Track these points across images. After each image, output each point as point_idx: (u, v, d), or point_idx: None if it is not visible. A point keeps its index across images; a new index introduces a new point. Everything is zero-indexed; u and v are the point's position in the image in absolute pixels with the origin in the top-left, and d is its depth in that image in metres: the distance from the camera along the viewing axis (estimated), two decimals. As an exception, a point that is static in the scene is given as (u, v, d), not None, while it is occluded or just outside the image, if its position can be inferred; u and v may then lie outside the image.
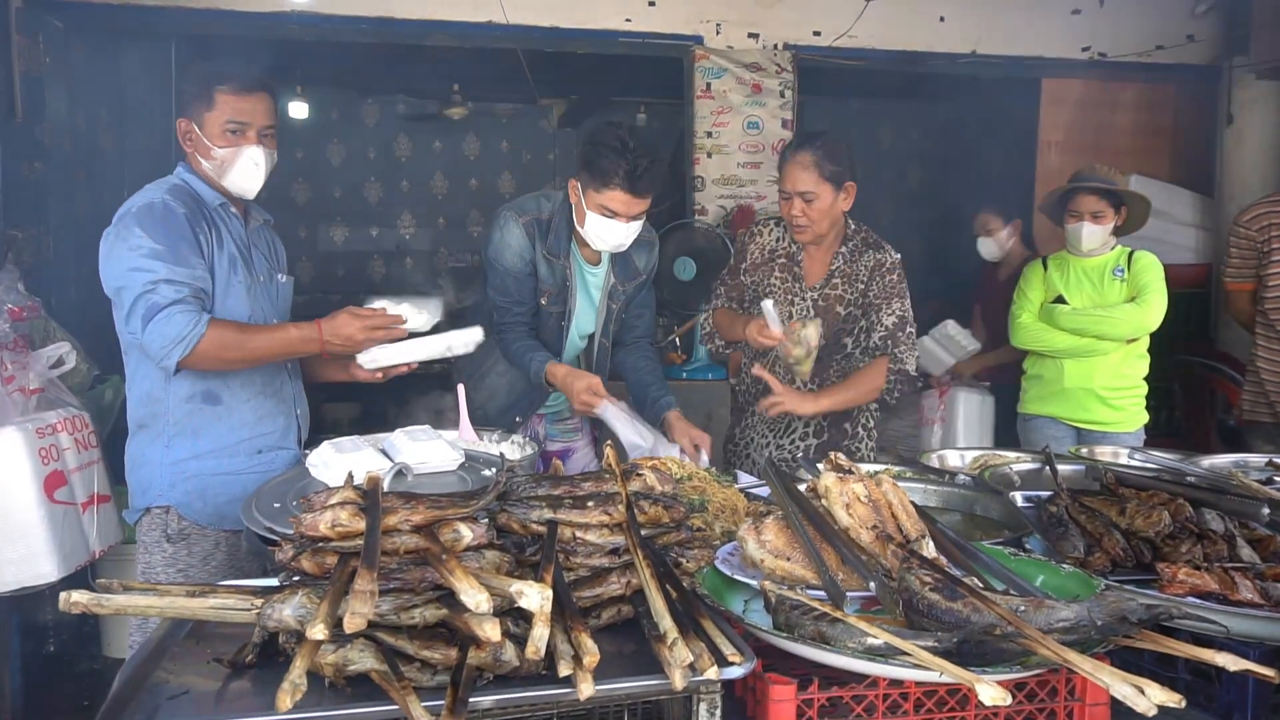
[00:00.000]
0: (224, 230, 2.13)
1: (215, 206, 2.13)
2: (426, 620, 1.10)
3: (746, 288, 2.72)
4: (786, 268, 2.67)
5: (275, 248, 2.34)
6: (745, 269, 2.73)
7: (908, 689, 1.20)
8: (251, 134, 2.10)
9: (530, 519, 1.24)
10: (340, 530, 1.14)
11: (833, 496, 1.48)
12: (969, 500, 2.05)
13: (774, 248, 2.69)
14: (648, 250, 2.70)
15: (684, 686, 1.03)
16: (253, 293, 2.15)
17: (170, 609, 1.20)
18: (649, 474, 1.35)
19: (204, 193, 2.13)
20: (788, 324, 2.48)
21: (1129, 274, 3.29)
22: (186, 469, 2.11)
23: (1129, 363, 3.34)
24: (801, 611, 1.22)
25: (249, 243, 2.19)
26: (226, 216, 2.15)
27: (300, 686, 0.89)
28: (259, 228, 2.27)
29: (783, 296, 2.65)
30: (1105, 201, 3.26)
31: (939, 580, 1.22)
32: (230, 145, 2.09)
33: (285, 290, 2.31)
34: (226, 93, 2.08)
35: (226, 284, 2.09)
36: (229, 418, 2.14)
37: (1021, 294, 3.45)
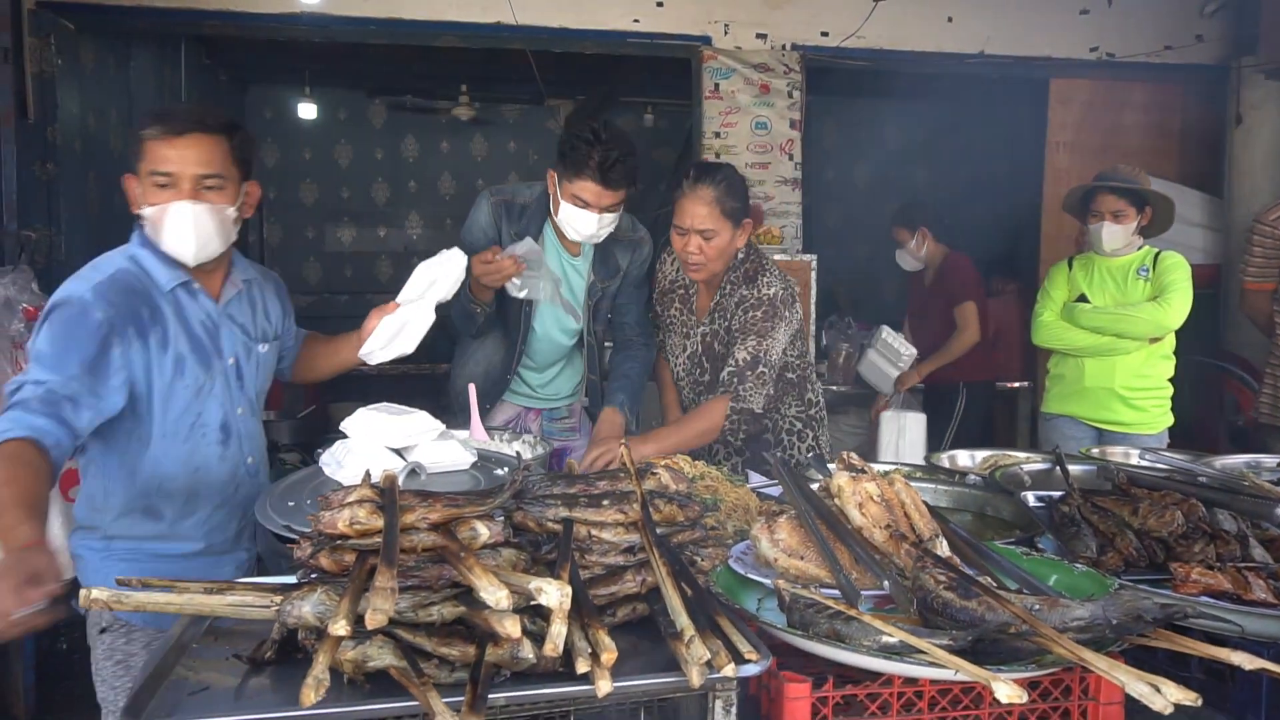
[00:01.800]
0: (174, 323, 1.83)
1: (170, 290, 1.83)
2: (444, 618, 1.11)
3: (659, 316, 2.72)
4: (683, 300, 2.64)
5: (261, 308, 2.05)
6: (655, 297, 2.72)
7: (922, 687, 1.21)
8: (184, 186, 1.76)
9: (546, 517, 1.25)
10: (358, 528, 1.14)
11: (846, 496, 1.49)
12: (980, 500, 2.05)
13: (674, 279, 2.66)
14: (631, 249, 2.66)
15: (701, 684, 1.03)
16: (206, 392, 1.87)
17: (189, 605, 1.21)
18: (663, 473, 1.36)
19: (157, 272, 1.82)
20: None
21: (1153, 274, 3.27)
22: (118, 551, 1.89)
23: (1152, 363, 3.31)
24: (816, 610, 1.23)
25: (216, 322, 1.90)
26: (186, 299, 1.86)
27: (324, 682, 0.90)
28: (239, 294, 1.97)
29: (679, 329, 2.64)
30: (1126, 201, 3.24)
31: (953, 579, 1.22)
32: (156, 202, 1.76)
33: (266, 359, 2.05)
34: (153, 138, 1.76)
35: (168, 391, 1.82)
36: (173, 535, 1.89)
37: (1045, 293, 3.44)
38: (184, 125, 1.77)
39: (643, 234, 2.71)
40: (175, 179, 1.76)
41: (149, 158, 1.77)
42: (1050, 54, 5.07)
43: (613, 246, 2.60)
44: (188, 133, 1.77)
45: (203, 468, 1.89)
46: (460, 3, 4.54)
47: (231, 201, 1.83)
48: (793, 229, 4.84)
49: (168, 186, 1.76)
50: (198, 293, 1.88)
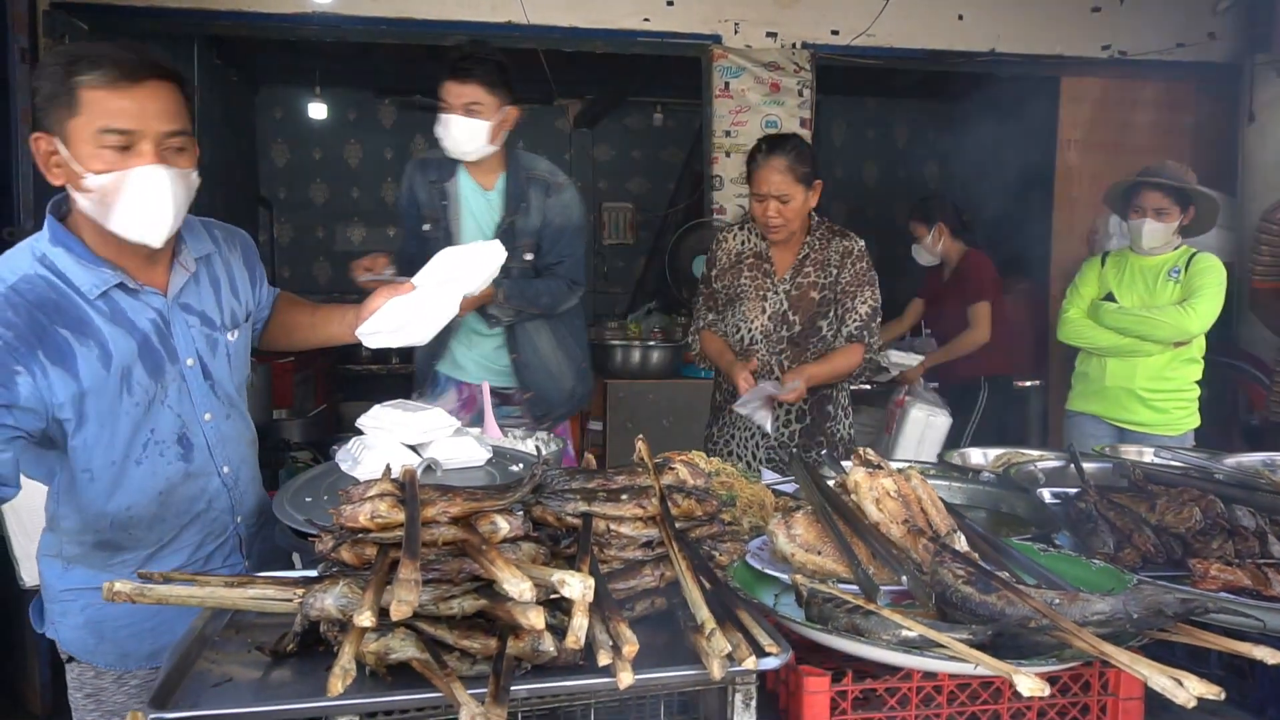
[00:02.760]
0: (113, 327, 1.49)
1: (100, 296, 1.47)
2: (465, 610, 1.11)
3: (718, 293, 2.82)
4: (755, 265, 2.78)
5: (226, 284, 1.71)
6: (715, 275, 2.83)
7: (941, 681, 1.21)
8: (145, 147, 1.40)
9: (565, 511, 1.26)
10: (380, 521, 1.15)
11: (862, 491, 1.49)
12: (995, 498, 2.05)
13: (740, 250, 2.81)
14: (546, 189, 2.71)
15: (722, 677, 1.03)
16: (158, 404, 1.56)
17: (211, 599, 1.22)
18: (681, 467, 1.36)
19: (77, 277, 1.46)
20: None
21: (1185, 276, 3.20)
22: (79, 599, 1.62)
23: (1175, 365, 3.26)
24: (834, 604, 1.23)
25: (167, 320, 1.58)
26: (125, 300, 1.52)
27: (350, 672, 0.91)
28: (194, 277, 1.63)
29: (754, 293, 2.76)
30: (1170, 198, 3.17)
31: (972, 573, 1.22)
32: (110, 168, 1.39)
33: (239, 348, 1.73)
34: (95, 85, 1.37)
35: (112, 414, 1.50)
36: (135, 559, 1.62)
37: (1074, 289, 3.41)
38: (140, 69, 1.39)
39: (563, 179, 2.79)
40: (135, 138, 1.40)
41: (93, 109, 1.37)
42: (1062, 52, 5.06)
43: (525, 183, 2.70)
44: (146, 78, 1.40)
45: (167, 489, 1.60)
46: (470, 2, 4.56)
47: (193, 164, 1.49)
48: (803, 227, 4.84)
49: (125, 148, 1.39)
50: (139, 290, 1.53)
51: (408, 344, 1.80)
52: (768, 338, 2.75)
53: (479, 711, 0.90)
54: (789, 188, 2.61)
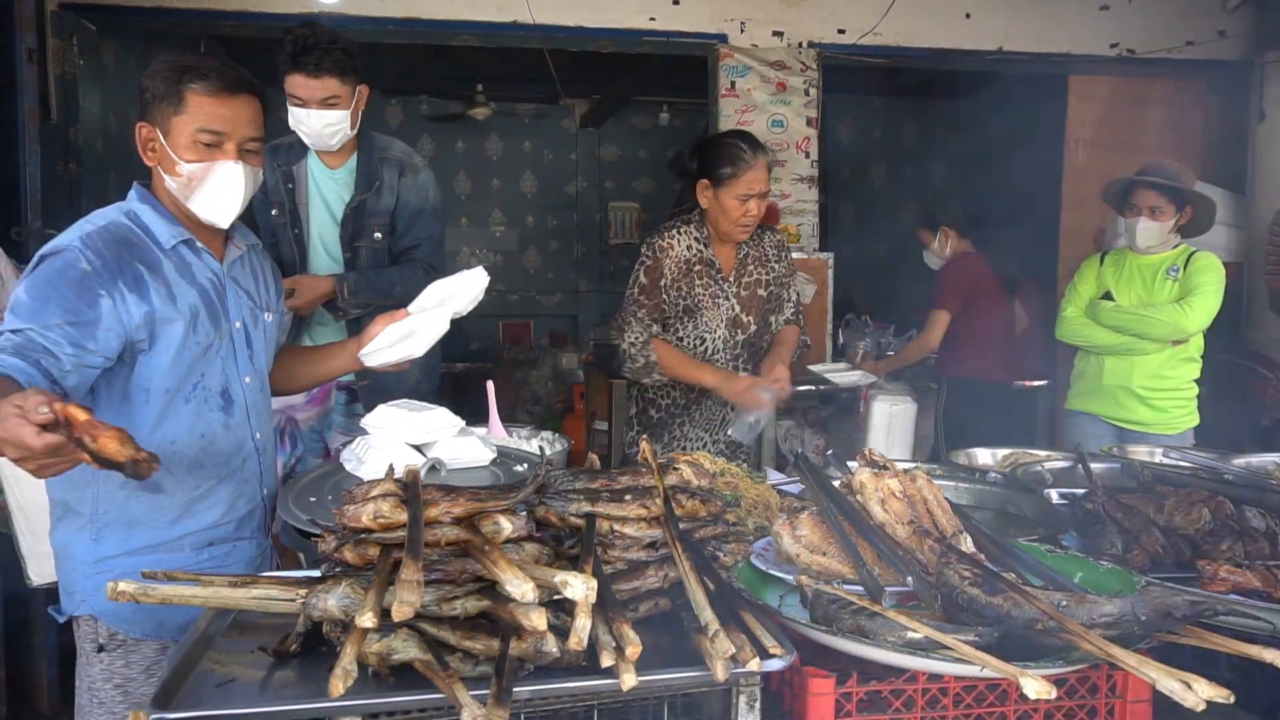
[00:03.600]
0: (179, 278, 1.71)
1: (173, 247, 1.72)
2: (468, 611, 1.11)
3: (669, 301, 2.70)
4: (705, 271, 2.71)
5: (263, 279, 1.95)
6: (665, 285, 2.70)
7: (947, 684, 1.20)
8: (230, 147, 1.69)
9: (569, 512, 1.25)
10: (382, 522, 1.15)
11: (868, 492, 1.48)
12: (1002, 498, 2.04)
13: (688, 257, 2.70)
14: (399, 168, 2.66)
15: (725, 678, 1.03)
16: (213, 353, 1.75)
17: (214, 599, 1.22)
18: (685, 468, 1.36)
19: (158, 228, 1.72)
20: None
21: (1183, 274, 3.19)
22: (113, 568, 1.68)
23: (1173, 364, 3.24)
24: (839, 605, 1.22)
25: (223, 283, 1.80)
26: (191, 256, 1.76)
27: (351, 673, 0.91)
28: (242, 258, 1.87)
29: (709, 301, 2.69)
30: (1166, 198, 3.16)
31: (978, 574, 1.22)
32: (201, 159, 1.68)
33: (271, 330, 1.93)
34: (200, 93, 1.66)
35: (180, 344, 1.68)
36: (172, 508, 1.73)
37: (1072, 288, 3.40)
38: (237, 83, 1.69)
39: (419, 161, 2.74)
40: (224, 139, 1.69)
41: (196, 112, 1.67)
42: (1070, 50, 5.03)
43: (377, 163, 2.65)
44: (241, 92, 1.70)
45: (208, 435, 1.76)
46: (477, 2, 4.55)
47: (261, 164, 1.79)
48: (809, 227, 4.83)
49: (215, 145, 1.68)
50: (201, 251, 1.77)
51: (405, 357, 1.93)
52: (727, 341, 2.71)
53: (480, 713, 0.89)
54: (769, 184, 2.66)
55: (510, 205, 8.32)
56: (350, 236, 2.67)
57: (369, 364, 1.94)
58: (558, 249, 8.41)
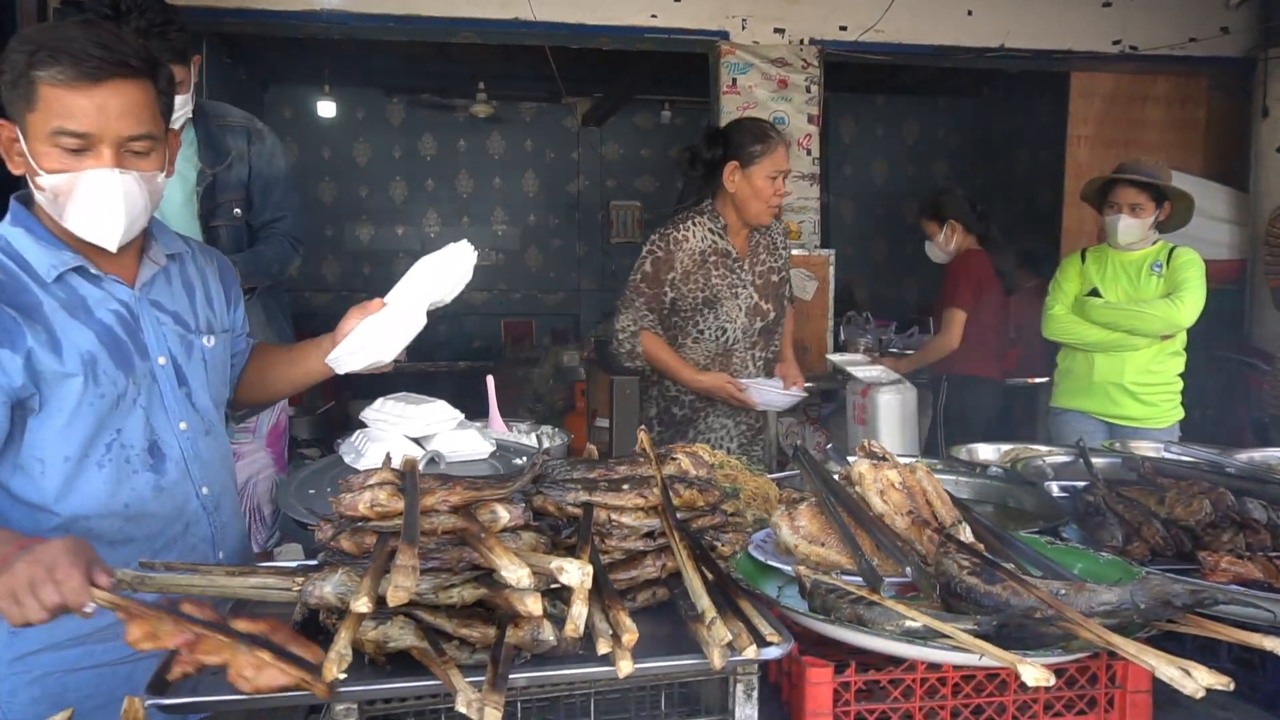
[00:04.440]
0: (67, 318, 1.39)
1: (58, 279, 1.38)
2: (464, 600, 1.11)
3: (683, 294, 2.72)
4: (721, 262, 2.74)
5: (200, 291, 1.59)
6: (672, 280, 2.72)
7: (945, 673, 1.19)
8: (104, 150, 1.31)
9: (566, 501, 1.25)
10: (379, 510, 1.14)
11: (867, 483, 1.47)
12: (1001, 492, 2.03)
13: (703, 248, 2.72)
14: (246, 136, 2.49)
15: (722, 666, 1.03)
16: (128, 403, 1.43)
17: (212, 587, 1.21)
18: (683, 458, 1.35)
19: (35, 257, 1.38)
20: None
21: (1167, 270, 3.24)
22: (34, 666, 1.41)
23: (1161, 359, 3.29)
24: (838, 595, 1.22)
25: (135, 312, 1.46)
26: (86, 287, 1.42)
27: (346, 657, 0.90)
28: (163, 274, 1.52)
29: (728, 290, 2.72)
30: (1145, 195, 3.22)
31: (977, 564, 1.21)
32: (64, 168, 1.31)
33: (216, 357, 1.59)
34: (53, 82, 1.28)
35: (76, 403, 1.38)
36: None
37: (1057, 285, 3.42)
38: (103, 66, 1.29)
39: (261, 125, 2.57)
40: (93, 141, 1.31)
41: (50, 108, 1.29)
42: (1072, 47, 5.02)
43: (220, 132, 2.47)
44: (108, 78, 1.29)
45: (134, 503, 1.45)
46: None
47: (161, 165, 1.40)
48: (811, 224, 4.82)
49: (81, 150, 1.31)
50: (102, 279, 1.43)
51: (372, 363, 1.61)
52: (749, 328, 2.76)
53: (475, 698, 0.89)
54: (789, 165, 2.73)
55: (512, 204, 8.33)
56: (205, 215, 2.45)
57: (338, 369, 1.63)
58: (559, 248, 8.42)
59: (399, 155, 8.11)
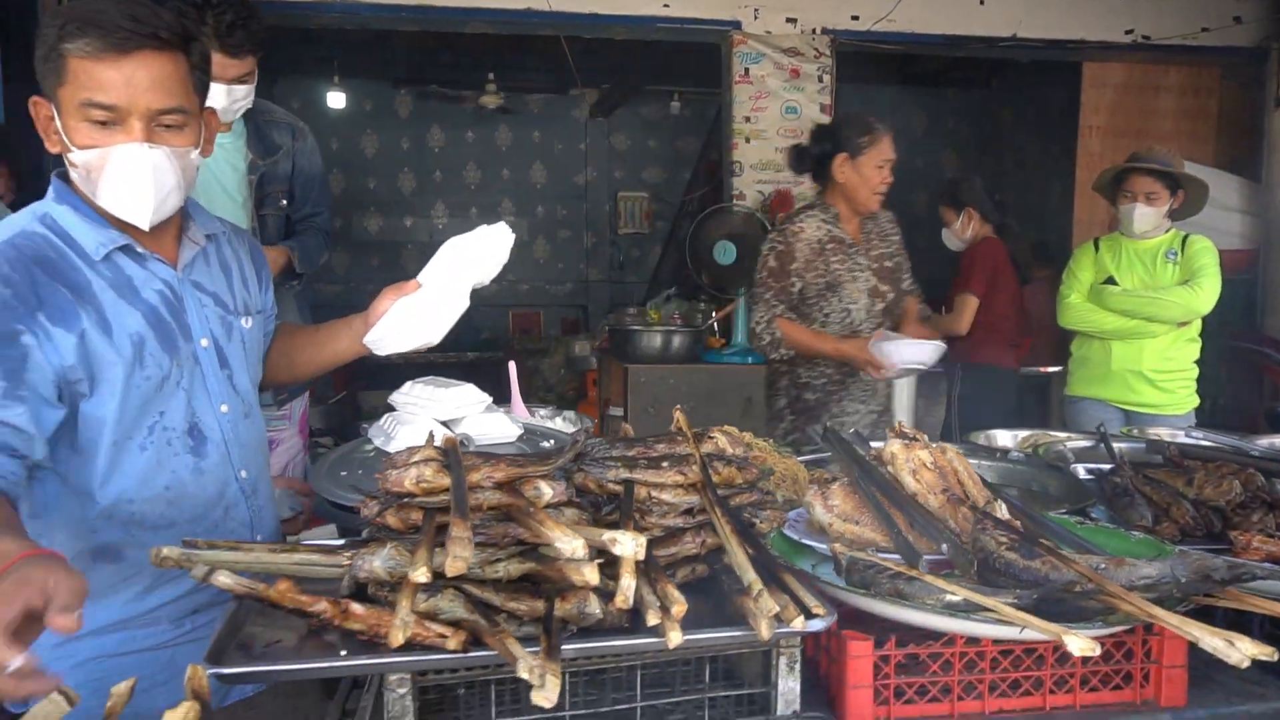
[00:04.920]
0: (116, 298, 1.37)
1: (106, 257, 1.37)
2: (510, 574, 1.12)
3: (808, 282, 2.85)
4: (838, 249, 2.86)
5: (237, 272, 1.59)
6: (796, 269, 2.85)
7: (984, 647, 1.21)
8: (134, 124, 1.30)
9: (607, 478, 1.26)
10: (425, 486, 1.16)
11: (899, 463, 1.48)
12: (1025, 476, 2.04)
13: (820, 237, 2.87)
14: (291, 132, 2.63)
15: (770, 636, 1.04)
16: (172, 385, 1.43)
17: (257, 564, 1.23)
18: (720, 436, 1.36)
19: (82, 235, 1.37)
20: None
21: (1182, 257, 3.27)
22: (77, 652, 1.39)
23: (1178, 346, 3.32)
24: (876, 571, 1.23)
25: (178, 293, 1.46)
26: (131, 266, 1.41)
27: (410, 624, 0.92)
28: (203, 254, 1.52)
29: (848, 275, 2.85)
30: (1160, 183, 3.24)
31: (1015, 540, 1.22)
32: (94, 144, 1.30)
33: (253, 339, 1.59)
34: (80, 54, 1.26)
35: (125, 384, 1.37)
36: (140, 578, 1.43)
37: (1071, 274, 3.44)
38: (131, 37, 1.27)
39: (304, 125, 2.71)
40: (122, 114, 1.29)
41: (78, 80, 1.27)
42: (1084, 37, 5.02)
43: (267, 127, 2.58)
44: (137, 49, 1.28)
45: (175, 485, 1.44)
46: (490, -11, 4.56)
47: (194, 142, 1.38)
48: (823, 214, 4.82)
49: (110, 124, 1.30)
50: (146, 257, 1.42)
51: (418, 346, 1.62)
52: (870, 310, 2.88)
53: (536, 664, 0.90)
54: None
55: (520, 195, 8.33)
56: (257, 204, 2.58)
57: (379, 352, 1.63)
58: (567, 239, 8.42)
59: (407, 147, 8.11)
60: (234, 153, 2.52)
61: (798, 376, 2.95)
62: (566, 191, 8.37)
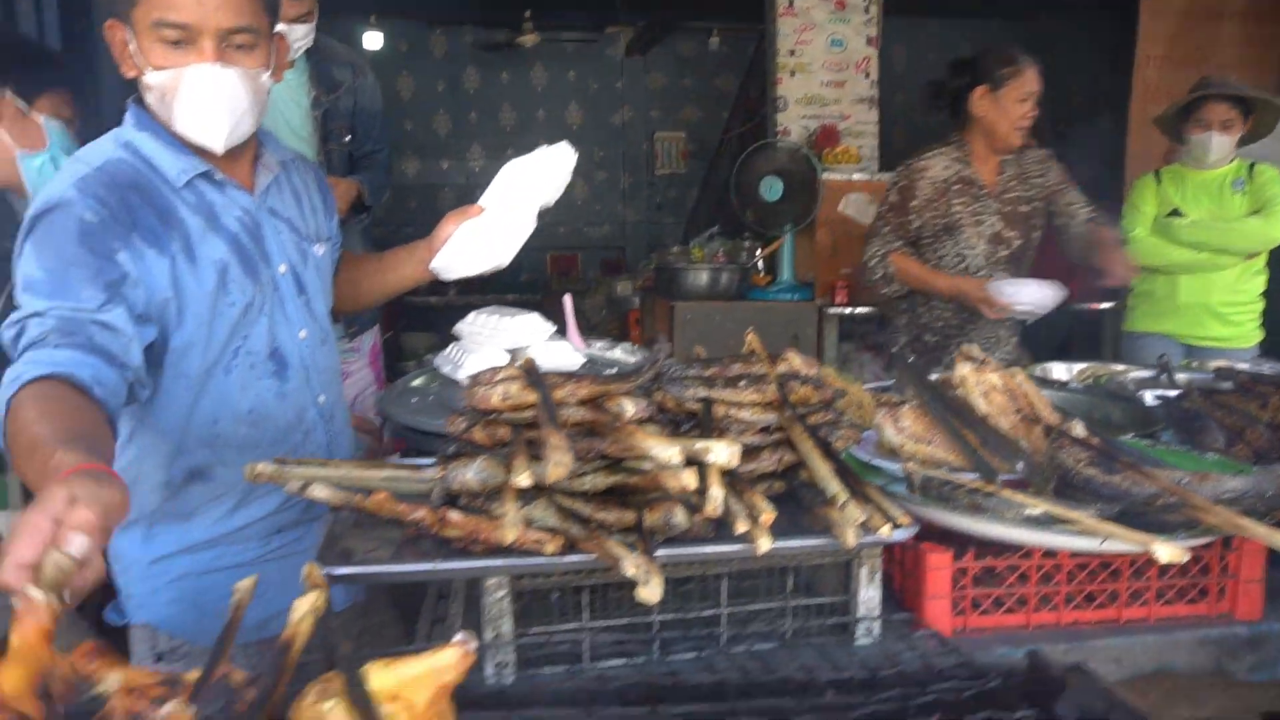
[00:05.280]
0: (199, 225, 1.39)
1: (188, 184, 1.39)
2: (596, 487, 1.15)
3: (925, 221, 2.79)
4: (964, 190, 2.78)
5: (308, 199, 1.61)
6: (916, 207, 2.79)
7: (1061, 560, 1.23)
8: (206, 45, 1.30)
9: (685, 397, 1.28)
10: (511, 402, 1.18)
11: (970, 385, 1.49)
12: (1086, 405, 2.02)
13: (946, 177, 2.79)
14: (351, 69, 2.68)
15: (855, 545, 1.06)
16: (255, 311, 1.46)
17: (347, 479, 1.27)
18: (794, 357, 1.38)
19: (164, 162, 1.38)
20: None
21: (1250, 187, 3.19)
22: (170, 569, 1.47)
23: (1246, 278, 3.26)
24: (952, 487, 1.25)
25: (256, 219, 1.47)
26: (211, 192, 1.42)
27: (519, 524, 0.95)
28: (277, 180, 1.53)
29: (969, 218, 2.77)
30: (1235, 110, 3.16)
31: (1094, 456, 1.23)
32: (168, 64, 1.31)
33: (324, 266, 1.62)
34: None
35: (212, 309, 1.40)
36: (227, 497, 1.49)
37: (1134, 208, 3.36)
38: None
39: (364, 63, 2.76)
40: (193, 34, 1.29)
41: (150, 1, 1.29)
42: (1144, -39, 4.83)
43: (327, 65, 2.63)
44: None
45: (257, 409, 1.48)
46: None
47: (265, 64, 1.39)
48: (869, 149, 4.75)
49: (182, 44, 1.30)
50: (225, 184, 1.44)
51: (487, 269, 1.64)
52: (989, 260, 2.79)
53: (642, 562, 0.94)
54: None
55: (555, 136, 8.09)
56: (322, 139, 2.64)
57: (445, 277, 1.66)
58: (604, 180, 8.37)
59: (442, 89, 8.05)
60: (297, 89, 2.57)
61: (918, 316, 2.90)
62: (603, 132, 8.29)
